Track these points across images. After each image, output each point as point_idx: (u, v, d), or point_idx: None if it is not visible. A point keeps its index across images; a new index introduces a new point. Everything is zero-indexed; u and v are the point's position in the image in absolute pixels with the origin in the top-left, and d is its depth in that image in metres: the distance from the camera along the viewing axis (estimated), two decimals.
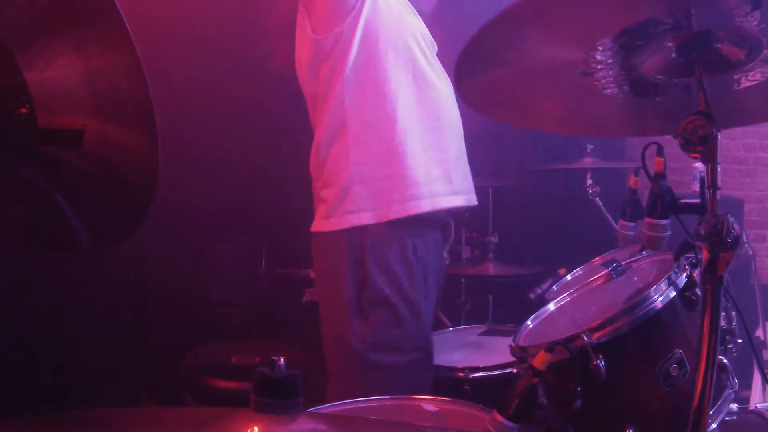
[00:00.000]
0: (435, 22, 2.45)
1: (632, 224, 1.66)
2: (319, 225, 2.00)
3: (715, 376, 1.04)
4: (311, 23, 2.00)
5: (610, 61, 1.19)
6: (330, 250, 1.99)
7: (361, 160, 1.96)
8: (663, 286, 1.36)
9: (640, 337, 1.33)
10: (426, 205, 1.98)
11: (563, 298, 1.66)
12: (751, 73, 1.19)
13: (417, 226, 2.00)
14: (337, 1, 1.95)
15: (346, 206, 1.96)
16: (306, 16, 2.01)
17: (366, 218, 1.95)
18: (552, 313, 1.63)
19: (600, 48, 1.15)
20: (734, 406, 1.40)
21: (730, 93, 1.27)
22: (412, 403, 1.71)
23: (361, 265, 1.95)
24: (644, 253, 1.69)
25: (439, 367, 2.10)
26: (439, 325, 2.84)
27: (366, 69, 1.97)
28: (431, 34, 2.18)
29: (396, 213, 1.96)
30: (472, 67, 1.19)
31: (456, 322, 2.95)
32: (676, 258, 1.40)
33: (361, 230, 1.94)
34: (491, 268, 3.07)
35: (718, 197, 1.07)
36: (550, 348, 1.28)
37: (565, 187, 3.76)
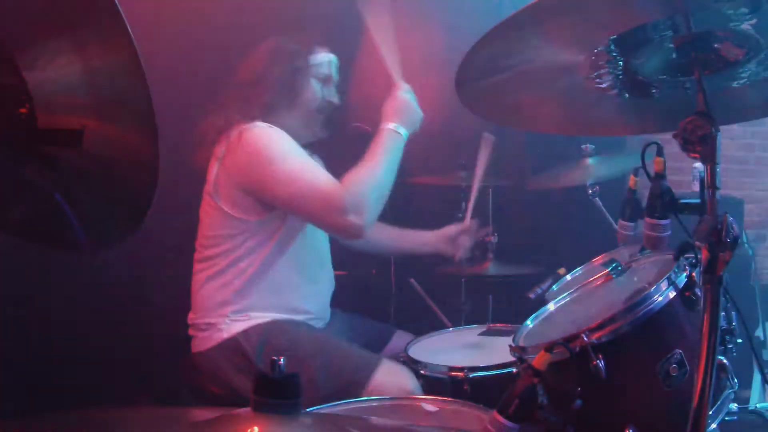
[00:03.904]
0: (436, 25, 2.46)
1: (632, 224, 1.65)
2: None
3: (715, 376, 1.04)
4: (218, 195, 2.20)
5: (610, 63, 1.19)
6: None
7: None
8: (663, 286, 1.35)
9: (640, 337, 1.33)
10: None
11: (563, 298, 1.66)
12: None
13: None
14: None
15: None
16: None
17: None
18: (552, 313, 1.63)
19: (600, 51, 1.15)
20: (734, 406, 1.40)
21: (727, 90, 1.27)
22: (412, 403, 1.71)
23: None
24: (644, 253, 1.69)
25: (439, 367, 2.10)
26: (439, 325, 2.85)
27: None
28: (431, 35, 2.22)
29: None
30: (473, 74, 1.19)
31: (456, 322, 2.95)
32: (676, 258, 1.40)
33: None
34: (491, 268, 3.06)
35: (718, 197, 1.07)
36: (550, 348, 1.28)
37: (565, 187, 3.76)
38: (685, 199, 1.39)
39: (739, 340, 1.48)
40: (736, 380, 1.41)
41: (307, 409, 0.99)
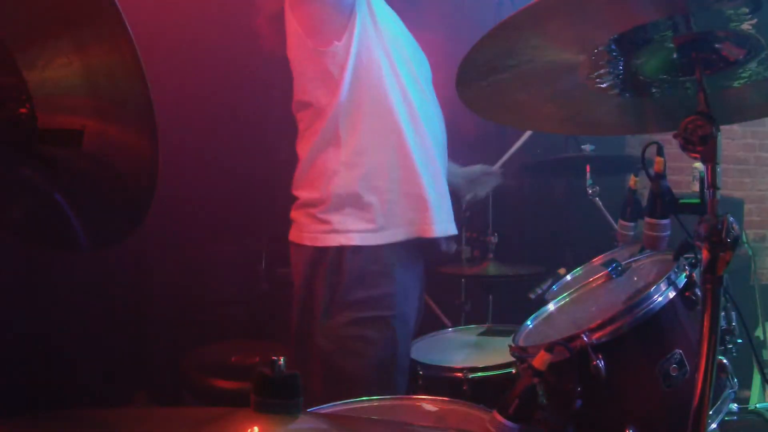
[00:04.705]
0: (436, 25, 2.46)
1: (632, 224, 1.65)
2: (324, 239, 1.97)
3: (715, 376, 1.04)
4: (306, 34, 1.98)
5: (610, 62, 1.19)
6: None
7: (369, 175, 1.96)
8: (663, 286, 1.35)
9: (640, 337, 1.33)
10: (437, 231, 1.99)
11: (563, 298, 1.66)
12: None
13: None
14: (329, 18, 1.95)
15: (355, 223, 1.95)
16: (299, 27, 1.99)
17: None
18: (552, 313, 1.63)
19: (600, 51, 1.15)
20: (734, 406, 1.40)
21: (727, 90, 1.27)
22: (412, 403, 1.71)
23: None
24: (644, 253, 1.69)
25: (439, 367, 2.10)
26: (439, 325, 2.85)
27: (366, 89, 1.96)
28: (432, 37, 2.20)
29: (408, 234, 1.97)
30: (473, 73, 1.19)
31: (456, 322, 2.95)
32: (676, 258, 1.40)
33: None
34: (491, 268, 3.06)
35: (718, 197, 1.07)
36: (550, 348, 1.28)
37: (565, 187, 3.76)
38: (685, 199, 1.39)
39: (739, 340, 1.48)
40: (736, 380, 1.41)
41: (308, 410, 0.99)
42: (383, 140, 1.98)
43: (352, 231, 1.95)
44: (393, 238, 1.97)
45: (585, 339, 1.30)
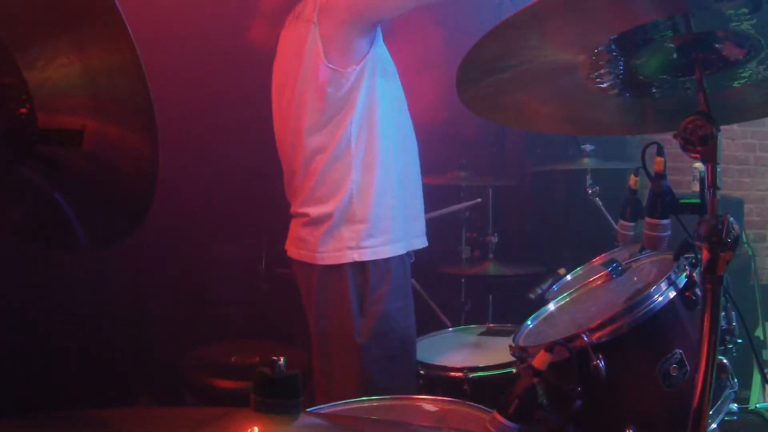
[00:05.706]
0: (436, 25, 2.46)
1: (632, 224, 1.65)
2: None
3: (715, 376, 1.04)
4: (326, 53, 2.03)
5: (610, 62, 1.19)
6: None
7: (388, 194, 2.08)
8: (663, 286, 1.35)
9: (640, 337, 1.33)
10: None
11: (563, 298, 1.66)
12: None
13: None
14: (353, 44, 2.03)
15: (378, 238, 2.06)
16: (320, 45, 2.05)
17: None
18: (552, 313, 1.63)
19: (600, 51, 1.15)
20: (734, 406, 1.40)
21: (727, 90, 1.27)
22: (412, 403, 1.71)
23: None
24: (644, 253, 1.69)
25: (439, 367, 2.10)
26: (439, 325, 2.85)
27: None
28: (431, 35, 2.23)
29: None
30: (473, 74, 1.19)
31: (456, 322, 2.95)
32: (676, 258, 1.40)
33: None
34: (491, 268, 3.07)
35: (718, 197, 1.07)
36: (550, 348, 1.28)
37: (565, 187, 3.76)
38: (685, 199, 1.39)
39: (739, 340, 1.48)
40: (736, 380, 1.41)
41: (308, 409, 0.99)
42: (397, 156, 2.11)
43: (369, 246, 2.06)
44: (404, 249, 2.10)
45: (585, 339, 1.30)
